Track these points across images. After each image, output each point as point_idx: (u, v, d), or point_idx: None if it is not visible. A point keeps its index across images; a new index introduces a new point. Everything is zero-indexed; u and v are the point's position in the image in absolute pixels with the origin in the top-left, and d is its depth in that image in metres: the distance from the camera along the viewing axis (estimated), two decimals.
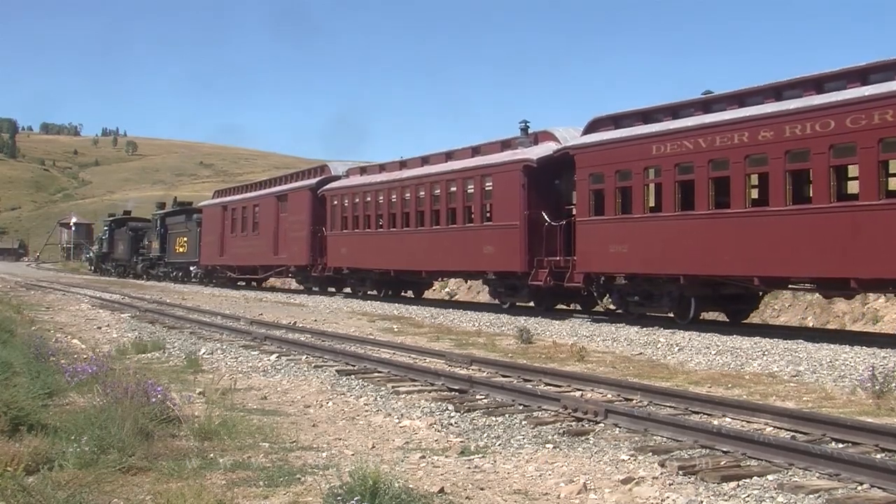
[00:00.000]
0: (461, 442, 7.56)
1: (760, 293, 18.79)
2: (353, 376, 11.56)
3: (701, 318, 18.66)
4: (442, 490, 5.85)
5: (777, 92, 15.92)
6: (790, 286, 17.32)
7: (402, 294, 29.84)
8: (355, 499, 4.99)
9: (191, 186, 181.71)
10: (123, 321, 20.94)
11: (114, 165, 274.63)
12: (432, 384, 10.80)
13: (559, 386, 10.52)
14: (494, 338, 16.89)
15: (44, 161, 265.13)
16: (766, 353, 13.51)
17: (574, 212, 20.66)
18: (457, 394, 10.15)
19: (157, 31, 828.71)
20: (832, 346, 14.07)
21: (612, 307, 20.63)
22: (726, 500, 5.79)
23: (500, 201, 22.21)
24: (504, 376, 11.35)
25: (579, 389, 10.25)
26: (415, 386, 10.80)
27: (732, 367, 12.33)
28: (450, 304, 27.92)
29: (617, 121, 19.46)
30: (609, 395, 9.85)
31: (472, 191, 23.32)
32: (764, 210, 15.85)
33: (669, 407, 9.06)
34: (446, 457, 6.99)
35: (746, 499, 5.82)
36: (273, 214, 35.14)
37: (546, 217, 20.89)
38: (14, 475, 5.32)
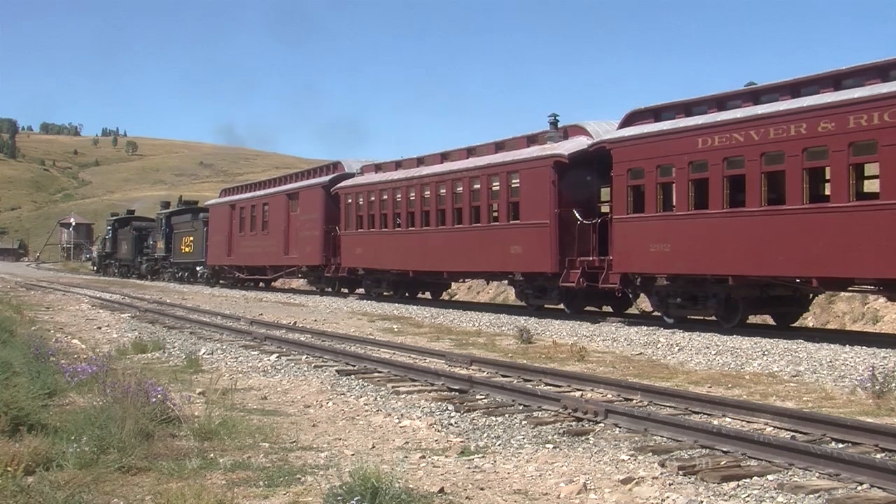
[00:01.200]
0: (461, 442, 7.56)
1: (810, 295, 17.80)
2: (353, 376, 11.56)
3: (747, 321, 17.75)
4: (442, 490, 5.85)
5: (836, 81, 14.98)
6: (850, 288, 16.40)
7: (420, 296, 29.09)
8: (355, 499, 4.99)
9: (190, 186, 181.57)
10: (123, 321, 20.95)
11: (114, 165, 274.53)
12: (432, 384, 10.81)
13: (559, 386, 10.52)
14: (494, 338, 16.89)
15: (44, 161, 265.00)
16: (766, 353, 13.52)
17: (608, 209, 19.97)
18: (457, 394, 10.16)
19: (157, 31, 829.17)
20: (832, 346, 14.07)
21: (647, 310, 19.78)
22: (726, 500, 5.80)
23: (528, 199, 21.24)
24: (504, 376, 11.35)
25: (579, 389, 10.25)
26: (415, 386, 10.81)
27: (732, 367, 12.33)
28: (450, 304, 27.87)
29: (657, 113, 18.48)
30: (609, 395, 9.85)
31: (498, 188, 22.36)
32: (824, 206, 14.94)
33: (669, 407, 9.06)
34: (446, 457, 6.99)
35: (746, 499, 5.83)
36: (283, 213, 34.37)
37: (577, 215, 20.01)
38: (14, 475, 5.32)
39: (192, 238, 44.66)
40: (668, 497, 5.82)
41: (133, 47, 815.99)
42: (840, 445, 7.21)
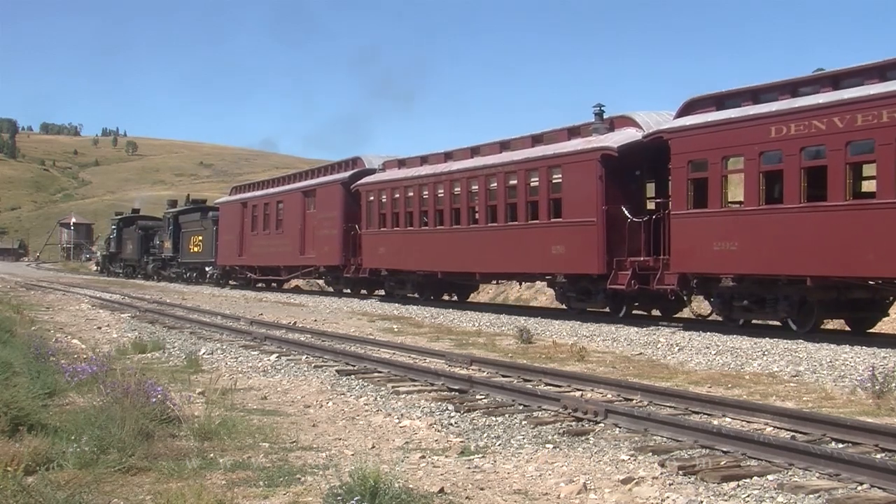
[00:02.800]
0: (461, 442, 7.56)
1: (890, 298, 16.18)
2: (353, 376, 11.56)
3: (822, 326, 16.52)
4: (442, 490, 5.85)
5: None
6: None
7: (445, 298, 28.12)
8: (355, 499, 4.99)
9: (191, 186, 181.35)
10: (123, 321, 20.95)
11: (114, 165, 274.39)
12: (432, 384, 10.81)
13: (559, 386, 10.52)
14: (494, 338, 16.89)
15: (44, 161, 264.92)
16: (766, 353, 13.52)
17: (654, 206, 19.03)
18: (457, 394, 10.16)
19: (157, 31, 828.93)
20: (832, 346, 14.07)
21: (703, 313, 18.78)
22: (726, 500, 5.80)
23: (571, 195, 19.86)
24: (504, 376, 11.36)
25: (579, 389, 10.25)
26: (415, 386, 10.81)
27: (732, 367, 12.33)
28: (450, 304, 27.79)
29: (719, 101, 17.12)
30: (609, 395, 9.85)
31: (537, 184, 20.94)
32: None
33: (669, 407, 9.06)
34: (446, 457, 6.99)
35: (746, 499, 5.83)
36: (299, 211, 33.23)
37: (626, 212, 18.73)
38: (14, 475, 5.32)
39: (201, 237, 43.72)
40: (668, 497, 5.82)
41: (133, 47, 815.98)
42: (840, 445, 7.21)
